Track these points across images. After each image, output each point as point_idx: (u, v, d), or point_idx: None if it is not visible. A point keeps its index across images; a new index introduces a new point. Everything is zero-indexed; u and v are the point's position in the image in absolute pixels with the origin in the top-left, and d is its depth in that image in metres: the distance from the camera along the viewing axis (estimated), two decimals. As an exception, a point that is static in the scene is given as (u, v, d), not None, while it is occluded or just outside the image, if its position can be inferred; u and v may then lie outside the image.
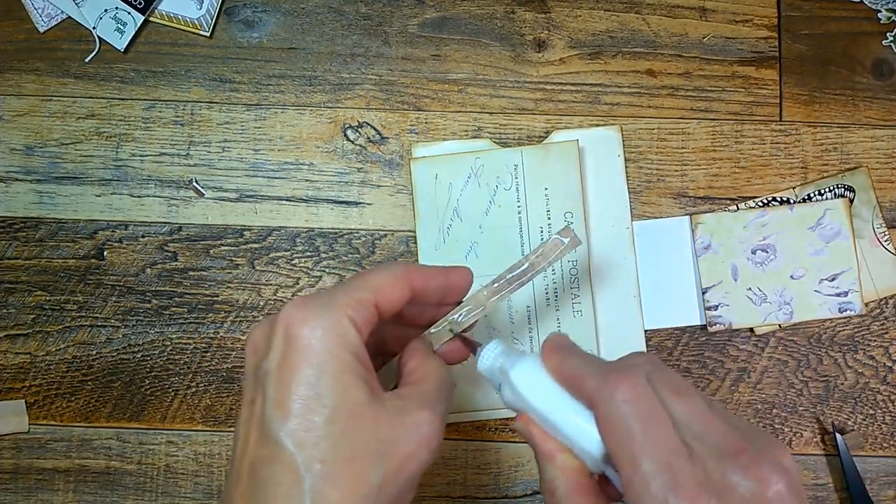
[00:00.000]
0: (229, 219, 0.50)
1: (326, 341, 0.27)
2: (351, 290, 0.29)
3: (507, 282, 0.36)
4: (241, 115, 0.51)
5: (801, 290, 0.48)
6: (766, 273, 0.48)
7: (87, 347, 0.49)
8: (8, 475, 0.49)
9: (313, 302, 0.28)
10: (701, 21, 0.51)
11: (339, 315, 0.28)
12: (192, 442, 0.49)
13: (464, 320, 0.36)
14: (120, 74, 0.51)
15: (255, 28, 0.51)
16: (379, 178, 0.50)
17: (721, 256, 0.49)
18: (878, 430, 0.48)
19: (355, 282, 0.30)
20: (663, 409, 0.27)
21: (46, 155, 0.50)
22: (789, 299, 0.48)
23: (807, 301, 0.48)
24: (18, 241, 0.50)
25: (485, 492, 0.48)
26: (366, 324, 0.29)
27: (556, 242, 0.37)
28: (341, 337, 0.28)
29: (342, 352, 0.27)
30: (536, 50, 0.51)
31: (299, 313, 0.28)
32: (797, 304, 0.48)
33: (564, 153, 0.49)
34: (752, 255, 0.48)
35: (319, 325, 0.28)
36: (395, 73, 0.51)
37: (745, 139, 0.50)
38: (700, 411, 0.27)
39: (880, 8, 0.51)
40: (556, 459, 0.30)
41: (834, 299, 0.48)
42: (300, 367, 0.27)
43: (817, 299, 0.48)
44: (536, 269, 0.37)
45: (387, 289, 0.30)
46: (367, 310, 0.29)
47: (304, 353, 0.27)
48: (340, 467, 0.26)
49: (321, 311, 0.28)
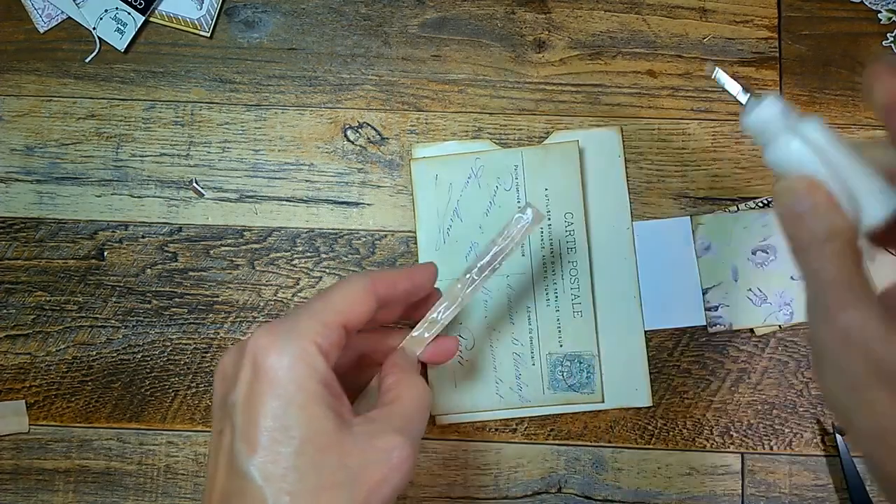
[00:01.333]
0: (229, 219, 0.50)
1: (293, 371, 0.27)
2: (317, 314, 0.29)
3: (479, 270, 0.36)
4: (241, 116, 0.51)
5: (801, 291, 0.48)
6: (767, 274, 0.48)
7: (87, 348, 0.49)
8: (8, 475, 0.49)
9: (280, 329, 0.29)
10: (701, 21, 0.51)
11: (305, 343, 0.28)
12: (192, 442, 0.49)
13: (442, 318, 0.36)
14: (120, 75, 0.51)
15: (255, 28, 0.51)
16: (379, 179, 0.50)
17: (721, 257, 0.49)
18: (879, 430, 0.48)
19: (320, 303, 0.30)
20: None
21: (46, 155, 0.50)
22: (789, 300, 0.48)
23: None
24: (18, 242, 0.50)
25: (485, 492, 0.48)
26: (333, 348, 0.29)
27: (518, 219, 0.36)
28: (308, 366, 0.28)
29: (309, 382, 0.28)
30: (536, 50, 0.51)
31: (266, 342, 0.28)
32: (797, 304, 0.48)
33: (564, 154, 0.49)
34: (752, 256, 0.48)
35: (286, 354, 0.28)
36: (395, 74, 0.51)
37: (745, 140, 0.50)
38: None
39: (880, 8, 0.51)
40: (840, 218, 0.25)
41: None
42: (267, 399, 0.27)
43: None
44: (505, 251, 0.36)
45: (352, 307, 0.31)
46: (335, 332, 0.30)
47: (270, 384, 0.27)
48: (309, 499, 0.27)
49: (288, 339, 0.28)
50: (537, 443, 0.49)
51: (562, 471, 0.48)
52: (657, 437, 0.48)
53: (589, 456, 0.48)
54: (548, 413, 0.48)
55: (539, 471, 0.48)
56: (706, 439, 0.48)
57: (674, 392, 0.49)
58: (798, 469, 0.48)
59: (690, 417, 0.48)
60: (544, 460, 0.48)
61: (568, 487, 0.48)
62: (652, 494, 0.48)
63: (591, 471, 0.48)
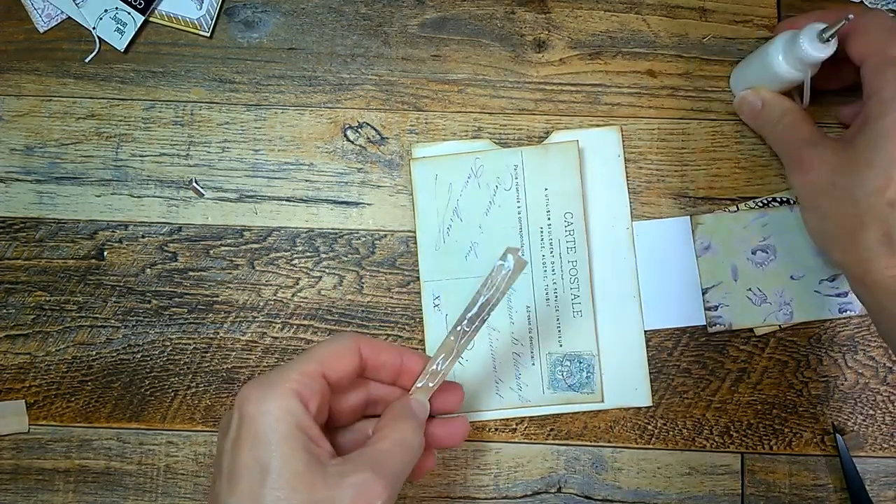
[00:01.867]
0: (229, 219, 0.50)
1: (270, 415, 0.31)
2: (298, 365, 0.33)
3: (468, 322, 0.37)
4: (241, 116, 0.51)
5: (800, 291, 0.48)
6: (766, 274, 0.48)
7: (87, 348, 0.49)
8: (8, 475, 0.49)
9: (264, 381, 0.32)
10: (701, 21, 0.51)
11: (283, 390, 0.31)
12: (192, 442, 0.49)
13: (442, 368, 0.37)
14: (120, 75, 0.51)
15: (255, 28, 0.51)
16: (379, 179, 0.50)
17: (721, 257, 0.49)
18: (878, 430, 0.48)
19: (303, 356, 0.34)
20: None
21: (46, 155, 0.50)
22: (789, 300, 0.48)
23: (807, 301, 0.48)
24: (18, 242, 0.50)
25: (485, 492, 0.48)
26: (313, 394, 0.32)
27: (499, 268, 0.37)
28: (284, 410, 0.31)
29: (283, 425, 0.30)
30: (536, 50, 0.51)
31: (249, 393, 0.31)
32: (797, 304, 0.48)
33: (564, 153, 0.49)
34: (752, 256, 0.48)
35: (265, 401, 0.31)
36: (395, 74, 0.51)
37: (745, 139, 0.50)
38: None
39: (880, 8, 0.51)
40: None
41: (834, 300, 0.48)
42: (248, 443, 0.30)
43: (817, 300, 0.48)
44: (493, 301, 0.37)
45: (333, 359, 0.34)
46: (314, 380, 0.33)
47: (251, 428, 0.31)
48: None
49: (268, 388, 0.31)
50: (537, 443, 0.49)
51: (561, 471, 0.48)
52: (657, 437, 0.48)
53: (588, 456, 0.48)
54: (547, 413, 0.48)
55: (539, 471, 0.48)
56: (706, 439, 0.48)
57: (674, 392, 0.49)
58: (798, 469, 0.48)
59: (690, 417, 0.48)
60: (544, 460, 0.48)
61: (568, 487, 0.48)
62: (652, 494, 0.48)
63: (591, 471, 0.48)
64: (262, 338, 0.49)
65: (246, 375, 0.49)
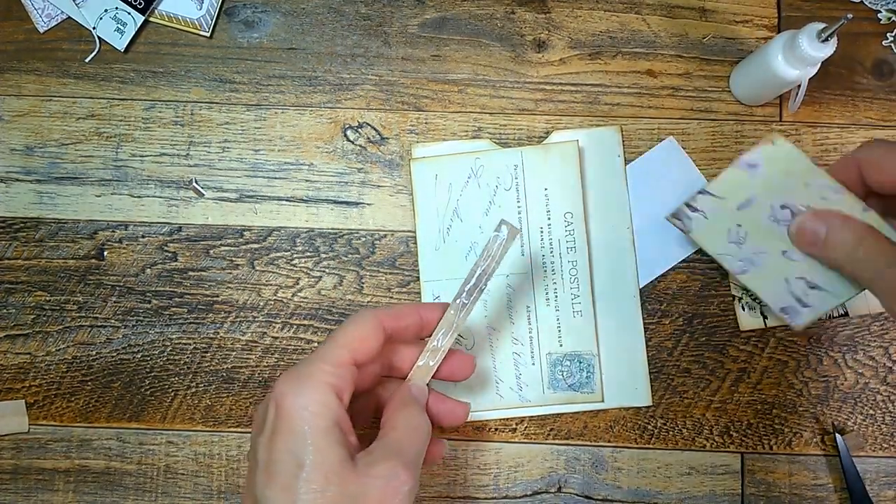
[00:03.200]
0: (229, 219, 0.50)
1: (307, 411, 0.31)
2: (329, 355, 0.33)
3: (467, 294, 0.38)
4: (241, 116, 0.51)
5: (776, 267, 0.43)
6: (770, 230, 0.42)
7: (87, 347, 0.49)
8: (8, 475, 0.49)
9: (297, 375, 0.33)
10: (701, 21, 0.51)
11: (319, 384, 0.32)
12: (192, 442, 0.49)
13: (442, 345, 0.38)
14: (120, 74, 0.51)
15: (255, 28, 0.51)
16: (379, 179, 0.50)
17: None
18: (878, 430, 0.48)
19: (332, 342, 0.34)
20: None
21: (46, 155, 0.50)
22: (757, 262, 0.43)
23: (769, 278, 0.43)
24: (18, 241, 0.50)
25: (485, 492, 0.48)
26: (346, 385, 0.33)
27: (495, 238, 0.37)
28: (322, 405, 0.32)
29: (321, 420, 0.31)
30: (536, 50, 0.51)
31: (286, 388, 0.32)
32: (757, 271, 0.43)
33: (564, 153, 0.49)
34: (777, 211, 0.43)
35: (302, 395, 0.32)
36: (395, 74, 0.51)
37: (745, 139, 0.50)
38: None
39: (880, 8, 0.51)
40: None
41: (798, 283, 0.42)
42: (284, 437, 0.31)
43: (780, 286, 0.43)
44: (489, 271, 0.38)
45: (360, 343, 0.34)
46: (346, 370, 0.33)
47: (288, 424, 0.31)
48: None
49: (304, 382, 0.32)
50: (537, 442, 0.49)
51: (561, 470, 0.48)
52: (657, 437, 0.48)
53: (588, 455, 0.48)
54: (548, 413, 0.48)
55: (539, 470, 0.48)
56: (706, 439, 0.48)
57: (673, 392, 0.49)
58: (798, 469, 0.48)
59: (690, 417, 0.48)
60: (544, 460, 0.48)
61: (568, 487, 0.48)
62: (652, 494, 0.48)
63: (591, 470, 0.48)
64: (262, 338, 0.49)
65: (246, 375, 0.49)
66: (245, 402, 0.49)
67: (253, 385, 0.49)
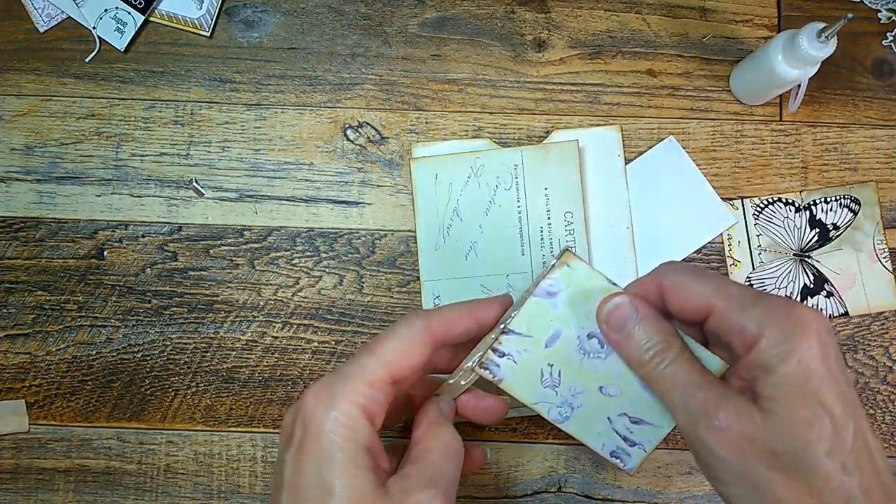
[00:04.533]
0: (229, 219, 0.50)
1: (336, 434, 0.29)
2: (365, 371, 0.31)
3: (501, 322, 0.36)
4: (241, 115, 0.51)
5: (596, 406, 0.37)
6: (581, 363, 0.36)
7: (87, 347, 0.49)
8: (8, 475, 0.49)
9: (330, 390, 0.30)
10: (701, 21, 0.51)
11: (350, 405, 0.30)
12: (192, 442, 0.49)
13: (474, 365, 0.36)
14: (120, 74, 0.51)
15: (255, 28, 0.51)
16: (379, 178, 0.50)
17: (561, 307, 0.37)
18: (878, 430, 0.48)
19: (370, 356, 0.31)
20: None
21: (46, 155, 0.50)
22: (577, 404, 0.37)
23: (589, 419, 0.37)
24: (18, 241, 0.50)
25: (485, 492, 0.48)
26: (380, 408, 0.31)
27: (550, 263, 0.35)
28: (350, 429, 0.30)
29: (350, 444, 0.29)
30: (536, 50, 0.51)
31: (314, 403, 0.30)
32: (578, 414, 0.37)
33: (564, 153, 0.49)
34: (584, 338, 0.36)
35: (330, 415, 0.30)
36: (395, 73, 0.51)
37: (745, 139, 0.50)
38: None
39: (880, 8, 0.51)
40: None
41: (615, 438, 0.37)
42: (312, 459, 0.29)
43: (600, 426, 0.37)
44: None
45: (401, 358, 0.32)
46: (382, 391, 0.31)
47: (316, 444, 0.29)
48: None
49: (335, 402, 0.30)
50: (537, 442, 0.49)
51: (562, 470, 0.48)
52: (657, 437, 0.48)
53: (589, 455, 0.48)
54: (548, 412, 0.48)
55: (539, 470, 0.48)
56: (706, 439, 0.48)
57: (674, 391, 0.48)
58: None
59: (690, 417, 0.48)
60: (544, 459, 0.48)
61: (568, 487, 0.48)
62: (652, 494, 0.48)
63: (591, 470, 0.48)
64: (263, 337, 0.49)
65: (246, 375, 0.49)
66: (245, 402, 0.49)
67: (253, 385, 0.49)
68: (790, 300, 0.31)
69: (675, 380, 0.32)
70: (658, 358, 0.32)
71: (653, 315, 0.33)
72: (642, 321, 0.33)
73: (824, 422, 0.28)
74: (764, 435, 0.29)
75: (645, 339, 0.33)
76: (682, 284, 0.32)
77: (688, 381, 0.31)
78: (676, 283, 0.33)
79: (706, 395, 0.31)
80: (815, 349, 0.29)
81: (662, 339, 0.33)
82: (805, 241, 0.50)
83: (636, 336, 0.33)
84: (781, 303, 0.30)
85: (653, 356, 0.32)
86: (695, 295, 0.32)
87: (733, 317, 0.31)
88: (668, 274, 0.33)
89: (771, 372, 0.29)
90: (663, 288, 0.33)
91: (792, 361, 0.29)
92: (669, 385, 0.32)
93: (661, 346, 0.32)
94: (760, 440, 0.29)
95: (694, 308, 0.32)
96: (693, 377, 0.31)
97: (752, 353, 0.30)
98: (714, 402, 0.30)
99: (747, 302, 0.30)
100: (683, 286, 0.32)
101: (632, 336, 0.33)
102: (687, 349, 0.33)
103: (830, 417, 0.28)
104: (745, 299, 0.31)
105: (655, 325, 0.33)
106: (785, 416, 0.29)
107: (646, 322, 0.33)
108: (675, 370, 0.32)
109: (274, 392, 0.49)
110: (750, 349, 0.30)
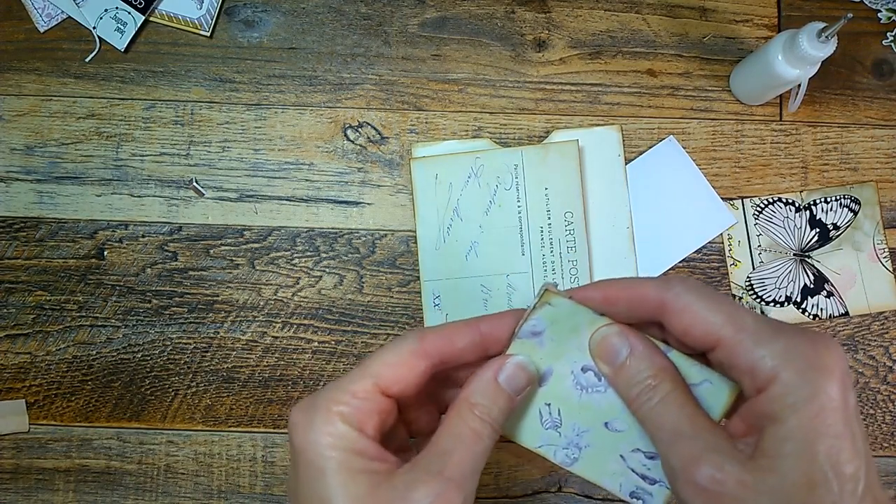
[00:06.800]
0: (229, 219, 0.50)
1: (319, 445, 0.29)
2: (348, 383, 0.30)
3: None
4: (241, 115, 0.51)
5: (605, 444, 0.34)
6: (580, 400, 0.34)
7: (87, 347, 0.49)
8: (8, 475, 0.49)
9: (310, 404, 0.30)
10: (701, 21, 0.51)
11: (329, 415, 0.29)
12: (192, 442, 0.49)
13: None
14: (120, 74, 0.51)
15: (255, 28, 0.51)
16: (379, 178, 0.50)
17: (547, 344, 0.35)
18: (878, 430, 0.48)
19: (357, 369, 0.31)
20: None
21: (46, 155, 0.50)
22: (584, 444, 0.35)
23: (601, 459, 0.34)
24: (18, 241, 0.50)
25: (485, 492, 0.48)
26: (368, 415, 0.30)
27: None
28: (334, 437, 0.29)
29: (335, 452, 0.29)
30: (536, 50, 0.51)
31: (297, 419, 0.30)
32: (588, 454, 0.34)
33: (564, 153, 0.49)
34: (579, 373, 0.34)
35: (311, 429, 0.29)
36: (395, 73, 0.51)
37: (745, 139, 0.50)
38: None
39: (880, 8, 0.51)
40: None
41: (633, 477, 0.34)
42: (304, 473, 0.29)
43: (614, 465, 0.34)
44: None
45: (389, 370, 0.30)
46: (368, 400, 0.30)
47: (304, 459, 0.29)
48: None
49: (314, 414, 0.29)
50: (537, 442, 0.49)
51: (562, 470, 0.48)
52: (657, 437, 0.48)
53: (589, 455, 0.48)
54: (548, 412, 0.48)
55: (539, 470, 0.48)
56: (706, 438, 0.48)
57: (674, 391, 0.48)
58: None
59: (690, 417, 0.48)
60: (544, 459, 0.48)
61: (568, 486, 0.48)
62: (652, 494, 0.48)
63: (591, 470, 0.48)
64: (263, 337, 0.49)
65: (246, 375, 0.49)
66: (245, 402, 0.49)
67: (253, 385, 0.49)
68: (812, 334, 0.27)
69: (660, 423, 0.29)
70: (645, 396, 0.29)
71: (644, 346, 0.30)
72: (632, 354, 0.30)
73: (830, 485, 0.25)
74: (754, 497, 0.25)
75: (633, 374, 0.30)
76: (689, 307, 0.29)
77: (673, 428, 0.28)
78: (683, 304, 0.29)
79: (691, 445, 0.27)
80: (836, 400, 0.25)
81: (652, 375, 0.29)
82: (805, 241, 0.50)
83: (622, 376, 0.30)
84: (802, 340, 0.26)
85: (638, 393, 0.29)
86: (702, 322, 0.28)
87: (744, 353, 0.27)
88: (676, 291, 0.29)
89: (780, 423, 0.26)
90: (666, 306, 0.29)
91: (806, 414, 0.25)
92: (654, 428, 0.29)
93: (649, 383, 0.29)
94: (750, 502, 0.26)
95: (700, 337, 0.29)
96: (681, 423, 0.28)
97: (762, 398, 0.26)
98: (697, 456, 0.27)
99: (763, 337, 0.27)
100: (691, 309, 0.29)
101: (624, 368, 0.30)
102: (681, 386, 0.29)
103: (839, 480, 0.25)
104: (760, 334, 0.27)
105: (646, 358, 0.30)
106: (784, 477, 0.25)
107: (636, 354, 0.30)
108: (661, 411, 0.29)
109: (274, 392, 0.49)
110: (760, 391, 0.27)
